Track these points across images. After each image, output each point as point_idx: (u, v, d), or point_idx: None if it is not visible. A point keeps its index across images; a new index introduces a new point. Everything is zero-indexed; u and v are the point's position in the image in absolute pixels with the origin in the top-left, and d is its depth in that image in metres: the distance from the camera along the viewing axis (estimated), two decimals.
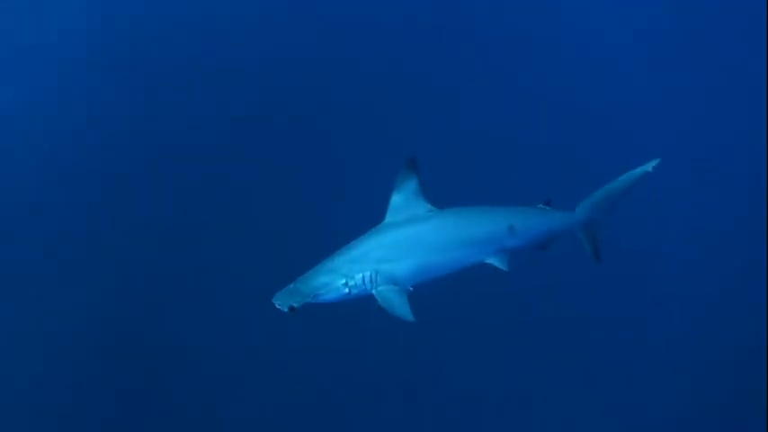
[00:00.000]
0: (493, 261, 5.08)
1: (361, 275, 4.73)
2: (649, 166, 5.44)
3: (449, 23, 9.32)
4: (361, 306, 4.88)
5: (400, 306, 4.72)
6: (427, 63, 9.02)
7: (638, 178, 5.48)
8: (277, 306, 4.60)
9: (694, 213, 8.12)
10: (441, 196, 5.08)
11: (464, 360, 7.23)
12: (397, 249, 4.86)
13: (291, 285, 4.71)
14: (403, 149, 5.18)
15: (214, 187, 8.15)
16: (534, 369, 7.36)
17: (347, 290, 4.73)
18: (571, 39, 9.22)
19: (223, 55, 9.09)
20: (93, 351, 7.22)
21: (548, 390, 7.29)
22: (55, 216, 7.92)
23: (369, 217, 5.03)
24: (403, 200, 4.98)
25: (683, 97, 8.98)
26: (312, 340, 6.94)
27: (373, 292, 4.79)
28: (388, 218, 5.01)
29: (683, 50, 9.32)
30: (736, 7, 9.22)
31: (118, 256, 7.66)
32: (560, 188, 5.61)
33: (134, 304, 7.42)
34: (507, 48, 9.16)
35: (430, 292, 4.97)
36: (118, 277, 7.54)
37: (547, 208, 5.37)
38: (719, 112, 8.98)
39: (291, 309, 4.57)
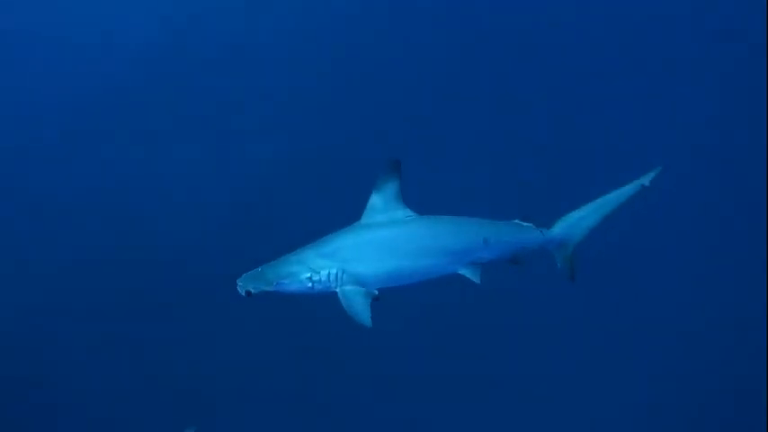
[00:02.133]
0: (465, 272, 5.02)
1: (327, 272, 4.69)
2: (646, 180, 5.13)
3: (446, 25, 9.29)
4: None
5: (361, 309, 4.66)
6: (423, 64, 9.03)
7: (630, 195, 5.18)
8: (238, 288, 4.60)
9: (687, 212, 8.02)
10: (422, 203, 5.05)
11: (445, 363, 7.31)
12: (369, 251, 4.82)
13: (259, 269, 4.71)
14: (388, 151, 5.21)
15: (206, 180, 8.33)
16: (536, 365, 7.45)
17: (311, 284, 4.69)
18: (566, 41, 9.09)
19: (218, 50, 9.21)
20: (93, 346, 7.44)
21: (550, 387, 7.40)
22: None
23: (345, 214, 5.01)
24: (381, 202, 4.94)
25: (676, 102, 8.85)
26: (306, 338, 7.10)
27: (337, 290, 4.73)
28: (365, 218, 4.97)
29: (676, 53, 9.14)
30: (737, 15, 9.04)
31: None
32: (546, 201, 5.52)
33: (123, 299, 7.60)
34: (506, 50, 9.10)
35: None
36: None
37: (522, 223, 5.25)
38: (716, 114, 8.81)
39: (248, 293, 4.57)
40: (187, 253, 7.66)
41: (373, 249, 4.86)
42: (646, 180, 5.16)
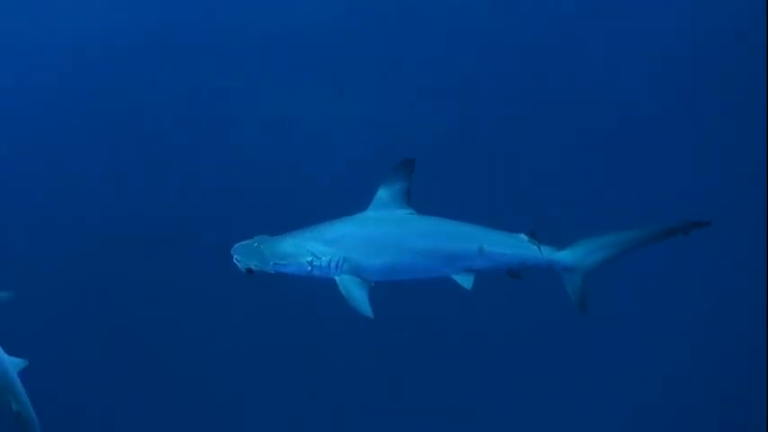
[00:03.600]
0: (458, 278, 4.98)
1: (328, 258, 4.74)
2: (683, 228, 4.72)
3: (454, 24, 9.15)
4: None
5: (361, 299, 4.71)
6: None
7: (663, 235, 4.87)
8: (235, 260, 4.65)
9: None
10: (433, 204, 5.07)
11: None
12: (370, 243, 4.87)
13: (255, 244, 4.75)
14: (402, 148, 5.27)
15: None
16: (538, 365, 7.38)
17: (310, 268, 4.73)
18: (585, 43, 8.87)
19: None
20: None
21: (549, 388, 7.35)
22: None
23: (349, 203, 5.07)
24: (388, 196, 5.02)
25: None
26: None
27: (336, 278, 4.78)
28: (370, 211, 5.05)
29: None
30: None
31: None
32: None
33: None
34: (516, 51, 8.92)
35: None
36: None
37: (524, 238, 5.05)
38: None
39: (249, 270, 4.62)
40: (189, 238, 7.70)
41: (374, 242, 4.90)
42: (686, 228, 4.74)
